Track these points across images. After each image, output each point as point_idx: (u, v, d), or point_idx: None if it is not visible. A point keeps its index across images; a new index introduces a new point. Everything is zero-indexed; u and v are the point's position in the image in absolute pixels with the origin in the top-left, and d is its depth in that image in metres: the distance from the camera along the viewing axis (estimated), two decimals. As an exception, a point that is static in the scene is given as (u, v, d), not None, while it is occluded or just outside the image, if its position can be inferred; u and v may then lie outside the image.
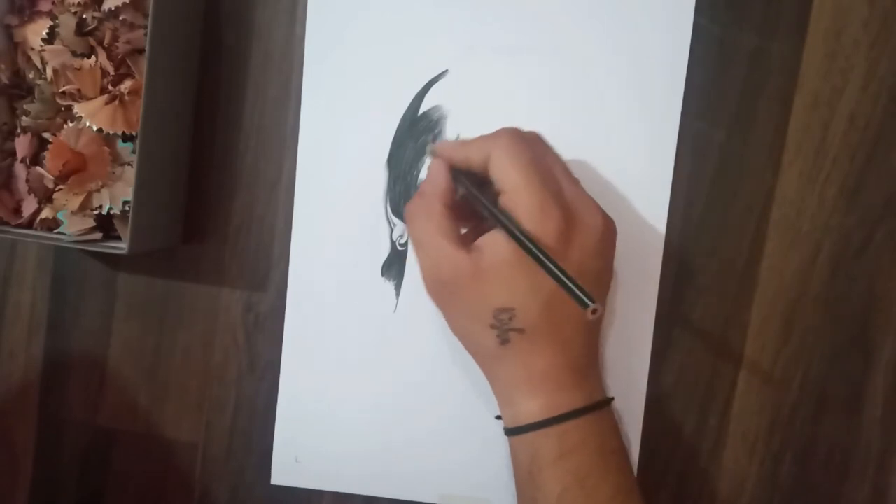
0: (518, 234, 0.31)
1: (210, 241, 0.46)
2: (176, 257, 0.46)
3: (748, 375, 0.42)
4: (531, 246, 0.31)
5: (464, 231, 0.35)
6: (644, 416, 0.42)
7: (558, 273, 0.30)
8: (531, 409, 0.33)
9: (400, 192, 0.44)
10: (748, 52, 0.41)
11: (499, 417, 0.36)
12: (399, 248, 0.44)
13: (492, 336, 0.33)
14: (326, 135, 0.44)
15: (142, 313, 0.47)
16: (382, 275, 0.44)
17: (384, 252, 0.44)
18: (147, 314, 0.47)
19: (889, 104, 0.40)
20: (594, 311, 0.28)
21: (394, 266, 0.44)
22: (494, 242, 0.32)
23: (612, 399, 0.35)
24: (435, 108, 0.43)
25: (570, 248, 0.32)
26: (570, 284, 0.29)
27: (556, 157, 0.35)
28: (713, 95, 0.41)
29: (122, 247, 0.40)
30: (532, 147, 0.34)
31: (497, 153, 0.33)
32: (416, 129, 0.43)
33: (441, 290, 0.34)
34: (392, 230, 0.44)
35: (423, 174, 0.44)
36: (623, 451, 0.34)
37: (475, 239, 0.34)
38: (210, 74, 0.45)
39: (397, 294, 0.44)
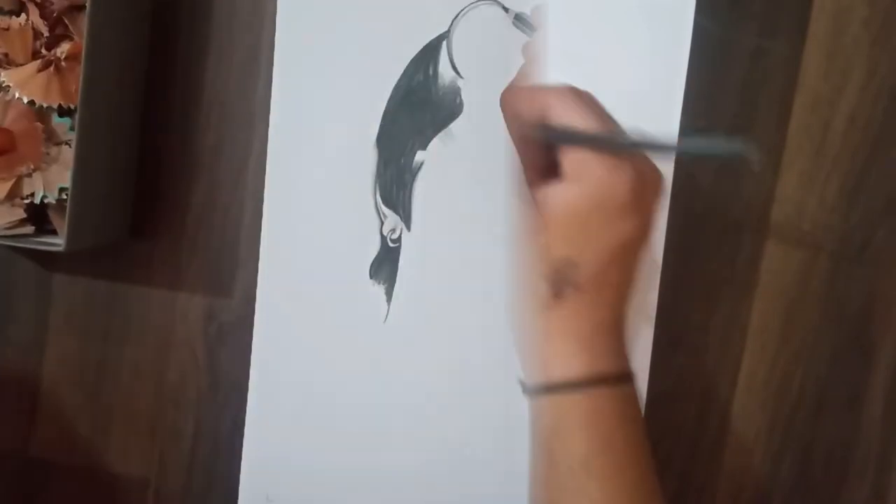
0: (629, 138, 0.34)
1: (164, 236, 0.46)
2: (123, 255, 0.46)
3: (748, 375, 0.46)
4: (656, 140, 0.33)
5: None
6: (644, 417, 0.44)
7: (702, 142, 0.34)
8: (569, 368, 0.35)
9: (391, 178, 0.43)
10: (748, 52, 0.45)
11: (520, 381, 0.38)
12: (391, 244, 0.44)
13: (545, 287, 0.35)
14: (303, 108, 0.44)
15: (82, 323, 0.47)
16: (371, 277, 0.44)
17: (373, 250, 0.44)
18: (88, 324, 0.47)
19: (889, 104, 0.45)
20: (757, 160, 0.30)
21: (384, 266, 0.44)
22: (563, 192, 0.35)
23: (634, 375, 0.38)
24: (433, 77, 0.43)
25: (642, 202, 0.34)
26: (720, 143, 0.32)
27: (611, 116, 0.37)
28: (713, 95, 0.45)
29: (58, 243, 0.40)
30: (590, 100, 0.36)
31: (557, 104, 0.35)
32: (411, 101, 0.43)
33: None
34: (382, 223, 0.44)
35: (419, 155, 0.44)
36: (644, 425, 0.37)
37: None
38: (164, 36, 0.46)
39: (388, 300, 0.44)
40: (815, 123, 0.45)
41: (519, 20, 0.39)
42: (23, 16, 0.42)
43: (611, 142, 0.35)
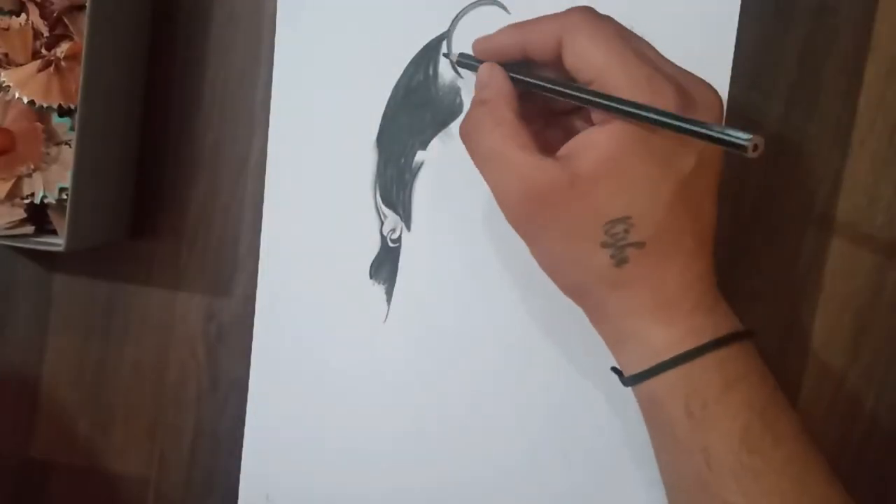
0: (630, 104, 0.30)
1: (164, 237, 0.46)
2: (123, 255, 0.46)
3: (810, 399, 0.42)
4: (650, 111, 0.29)
5: None
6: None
7: (697, 126, 0.29)
8: (669, 339, 0.32)
9: (391, 178, 0.43)
10: (811, 9, 0.41)
11: (615, 370, 0.35)
12: (391, 244, 0.43)
13: (604, 257, 0.31)
14: (303, 109, 0.44)
15: (82, 323, 0.47)
16: (371, 277, 0.44)
17: (373, 250, 0.44)
18: (88, 324, 0.47)
19: (980, 72, 0.40)
20: (756, 147, 0.27)
21: (384, 266, 0.44)
22: (590, 143, 0.31)
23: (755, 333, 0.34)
24: (433, 77, 0.43)
25: None
26: (717, 131, 0.28)
27: (641, 38, 0.33)
28: (769, 61, 0.41)
29: (58, 243, 0.40)
30: (615, 23, 0.33)
31: (574, 32, 0.32)
32: (411, 101, 0.43)
33: (530, 213, 0.33)
34: (382, 223, 0.43)
35: (419, 155, 0.43)
36: (781, 390, 0.33)
37: (544, 150, 0.33)
38: (164, 36, 0.45)
39: (388, 300, 0.44)
40: (891, 95, 0.40)
41: (463, 58, 0.38)
42: (23, 16, 0.41)
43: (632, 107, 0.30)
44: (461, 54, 0.37)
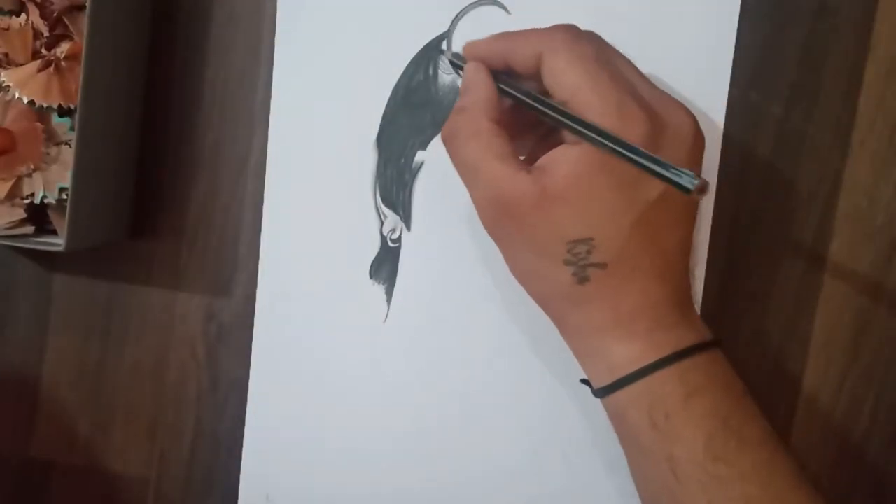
0: (592, 129, 0.30)
1: (164, 236, 0.46)
2: (123, 255, 0.46)
3: (810, 399, 0.41)
4: (610, 141, 0.30)
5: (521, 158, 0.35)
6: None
7: (649, 161, 0.29)
8: (629, 354, 0.32)
9: (391, 177, 0.43)
10: (811, 10, 0.40)
11: (584, 381, 0.35)
12: (391, 244, 0.43)
13: (566, 274, 0.32)
14: (303, 109, 0.44)
15: (82, 323, 0.46)
16: (371, 277, 0.44)
17: (373, 249, 0.44)
18: (88, 324, 0.46)
19: (980, 72, 0.40)
20: (701, 189, 0.27)
21: (384, 266, 0.43)
22: (562, 159, 0.31)
23: (721, 341, 0.34)
24: (433, 77, 0.43)
25: (663, 154, 0.30)
26: (666, 170, 0.28)
27: (622, 57, 0.34)
28: (769, 61, 0.41)
29: (58, 243, 0.40)
30: (594, 43, 0.33)
31: (553, 52, 0.32)
32: (411, 101, 0.43)
33: (500, 222, 0.34)
34: (382, 223, 0.43)
35: (419, 155, 0.43)
36: (752, 398, 0.33)
37: (533, 162, 0.33)
38: (164, 36, 0.45)
39: (388, 300, 0.43)
40: (891, 95, 0.39)
41: (456, 58, 0.37)
42: (23, 16, 0.41)
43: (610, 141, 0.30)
44: (454, 54, 0.37)
